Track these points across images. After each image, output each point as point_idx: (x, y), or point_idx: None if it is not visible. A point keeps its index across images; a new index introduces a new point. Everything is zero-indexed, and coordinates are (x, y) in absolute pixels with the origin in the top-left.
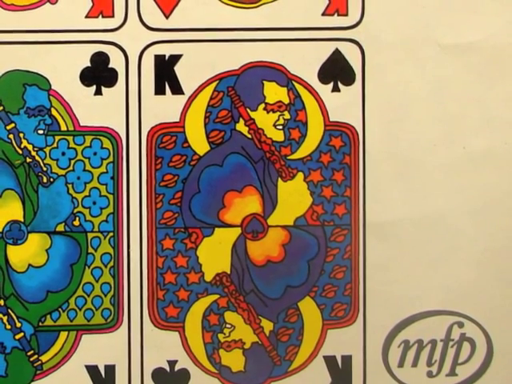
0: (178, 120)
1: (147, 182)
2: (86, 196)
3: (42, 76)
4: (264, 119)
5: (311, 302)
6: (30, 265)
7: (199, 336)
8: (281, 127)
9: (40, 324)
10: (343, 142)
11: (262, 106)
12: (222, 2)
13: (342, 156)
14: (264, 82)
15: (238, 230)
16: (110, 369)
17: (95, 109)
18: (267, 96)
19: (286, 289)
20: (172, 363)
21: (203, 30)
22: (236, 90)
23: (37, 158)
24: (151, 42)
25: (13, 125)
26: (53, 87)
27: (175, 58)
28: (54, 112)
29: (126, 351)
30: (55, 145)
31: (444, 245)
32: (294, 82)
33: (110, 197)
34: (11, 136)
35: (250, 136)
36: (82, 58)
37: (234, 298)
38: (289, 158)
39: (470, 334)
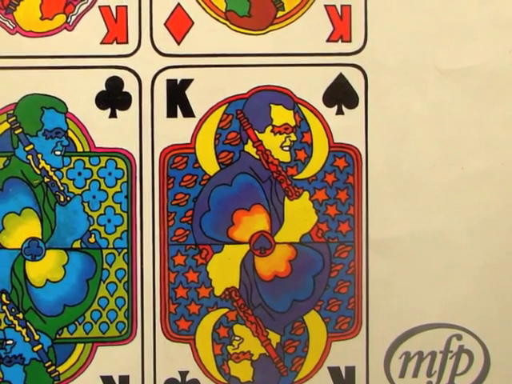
0: (189, 141)
1: (160, 201)
2: (101, 214)
3: (59, 99)
4: (271, 141)
5: (316, 315)
6: (47, 280)
7: (209, 348)
8: (287, 148)
9: (57, 336)
10: (347, 163)
11: (270, 128)
12: (231, 29)
13: (345, 176)
14: (271, 105)
15: (247, 247)
16: (124, 379)
17: (110, 131)
18: (274, 119)
19: (293, 303)
20: (183, 374)
21: (213, 55)
22: (244, 113)
23: (54, 177)
24: (163, 67)
25: (31, 146)
26: (69, 110)
27: (186, 83)
28: (70, 134)
29: (140, 362)
30: (72, 165)
31: (443, 261)
32: (299, 106)
33: (124, 215)
34: (30, 157)
35: (257, 157)
36: (98, 82)
37: (243, 312)
38: (295, 177)
39: (468, 345)
